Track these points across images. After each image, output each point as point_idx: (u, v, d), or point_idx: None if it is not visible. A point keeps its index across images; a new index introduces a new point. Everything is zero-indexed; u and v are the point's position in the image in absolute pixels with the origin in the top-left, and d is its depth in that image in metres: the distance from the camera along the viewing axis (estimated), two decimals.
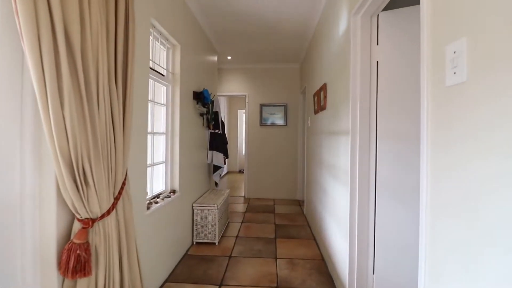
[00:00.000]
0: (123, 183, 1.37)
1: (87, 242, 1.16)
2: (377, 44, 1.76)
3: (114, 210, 1.28)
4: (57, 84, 0.99)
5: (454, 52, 0.79)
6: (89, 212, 1.16)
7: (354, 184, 1.83)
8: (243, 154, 5.46)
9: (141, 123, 1.81)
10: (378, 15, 1.76)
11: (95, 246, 1.19)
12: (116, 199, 1.29)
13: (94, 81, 1.11)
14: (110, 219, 1.24)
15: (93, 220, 1.18)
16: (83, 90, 1.06)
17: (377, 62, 1.76)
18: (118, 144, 1.29)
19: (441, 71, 0.85)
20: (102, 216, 1.21)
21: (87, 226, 1.16)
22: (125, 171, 1.39)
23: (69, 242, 1.14)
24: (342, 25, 2.10)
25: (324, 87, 2.69)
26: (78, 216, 1.15)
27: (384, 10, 1.74)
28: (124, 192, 1.37)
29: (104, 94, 1.17)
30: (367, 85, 1.78)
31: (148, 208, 1.96)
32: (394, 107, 1.72)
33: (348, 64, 1.89)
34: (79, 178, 1.09)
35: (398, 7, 1.74)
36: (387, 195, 1.75)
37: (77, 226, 1.17)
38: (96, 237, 1.20)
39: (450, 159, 0.81)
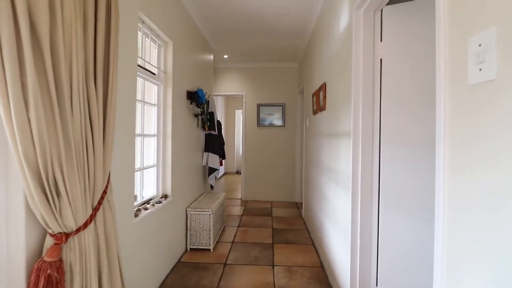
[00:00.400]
0: (104, 192, 1.24)
1: (60, 260, 1.04)
2: (381, 41, 1.65)
3: (93, 222, 1.15)
4: (21, 81, 0.86)
5: (480, 45, 0.67)
6: (62, 226, 1.03)
7: (356, 190, 1.72)
8: (241, 154, 5.34)
9: (128, 125, 1.68)
10: (382, 10, 1.64)
11: (70, 264, 1.07)
12: (95, 210, 1.17)
13: (66, 79, 0.98)
14: (88, 233, 1.12)
15: (67, 235, 1.05)
16: (52, 89, 0.93)
17: (381, 59, 1.65)
18: (97, 149, 1.16)
19: (463, 68, 0.73)
20: (78, 230, 1.08)
21: (60, 241, 1.03)
22: (107, 178, 1.26)
23: (39, 260, 1.01)
24: (343, 21, 1.98)
25: (323, 87, 2.58)
26: (50, 231, 1.03)
27: (388, 4, 1.63)
28: (105, 201, 1.25)
29: (79, 93, 1.04)
30: (370, 85, 1.66)
31: (136, 215, 1.84)
32: (399, 108, 1.60)
33: (350, 62, 1.78)
34: (49, 189, 0.97)
35: (403, 1, 1.63)
36: (391, 202, 1.64)
37: (49, 241, 1.05)
38: (71, 253, 1.07)
39: (472, 161, 0.70)
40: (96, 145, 1.15)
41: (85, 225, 1.10)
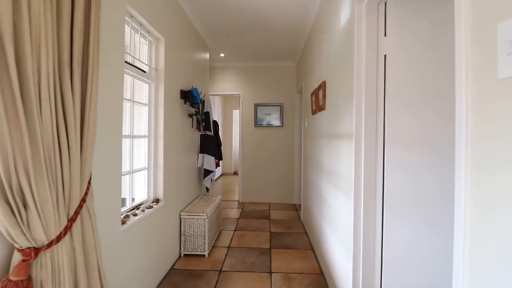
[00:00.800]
0: (83, 200, 1.12)
1: (29, 279, 0.92)
2: (385, 36, 1.54)
3: (68, 234, 1.03)
4: None
5: None
6: (31, 241, 0.91)
7: (359, 194, 1.61)
8: (238, 155, 5.26)
9: (114, 125, 1.57)
10: (386, 2, 1.53)
11: (41, 282, 0.95)
12: (71, 220, 1.05)
13: (33, 75, 0.87)
14: (62, 247, 1.00)
15: (37, 250, 0.93)
16: (15, 86, 0.81)
17: (385, 55, 1.54)
18: (74, 152, 1.04)
19: (490, 59, 0.62)
20: (50, 244, 0.96)
21: (28, 258, 0.92)
22: (86, 184, 1.14)
23: (4, 279, 0.89)
24: (344, 15, 1.87)
25: (323, 85, 2.47)
26: (17, 246, 0.91)
27: None
28: (84, 210, 1.13)
29: (49, 91, 0.93)
30: (374, 83, 1.56)
31: (124, 222, 1.72)
32: (405, 107, 1.50)
33: (352, 59, 1.67)
34: (13, 199, 0.85)
35: None
36: (397, 207, 1.53)
37: (17, 258, 0.93)
38: (42, 271, 0.95)
39: (500, 162, 0.59)
40: (72, 148, 1.04)
41: (59, 238, 0.99)
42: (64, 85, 1.01)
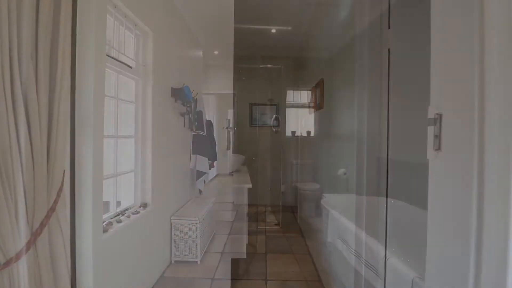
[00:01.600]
0: (52, 209, 0.99)
1: None
2: (389, 28, 1.43)
3: (32, 249, 0.90)
4: None
5: None
6: None
7: (362, 199, 1.50)
8: (233, 156, 5.17)
9: (94, 124, 1.42)
10: None
11: None
12: (36, 234, 0.91)
13: None
14: (23, 264, 0.86)
15: None
16: None
17: (389, 49, 1.43)
18: (38, 156, 0.91)
19: None
20: (9, 262, 0.82)
21: None
22: (56, 191, 1.01)
23: None
24: (344, 7, 1.76)
25: (320, 83, 2.35)
26: None
27: None
28: (52, 221, 0.99)
29: (4, 87, 0.79)
30: (377, 79, 1.45)
31: (106, 230, 1.58)
32: (410, 105, 1.39)
33: (353, 54, 1.56)
34: None
35: None
36: (402, 212, 1.42)
37: None
38: None
39: None
40: (36, 151, 0.90)
41: (19, 255, 0.85)
42: (26, 79, 0.87)
